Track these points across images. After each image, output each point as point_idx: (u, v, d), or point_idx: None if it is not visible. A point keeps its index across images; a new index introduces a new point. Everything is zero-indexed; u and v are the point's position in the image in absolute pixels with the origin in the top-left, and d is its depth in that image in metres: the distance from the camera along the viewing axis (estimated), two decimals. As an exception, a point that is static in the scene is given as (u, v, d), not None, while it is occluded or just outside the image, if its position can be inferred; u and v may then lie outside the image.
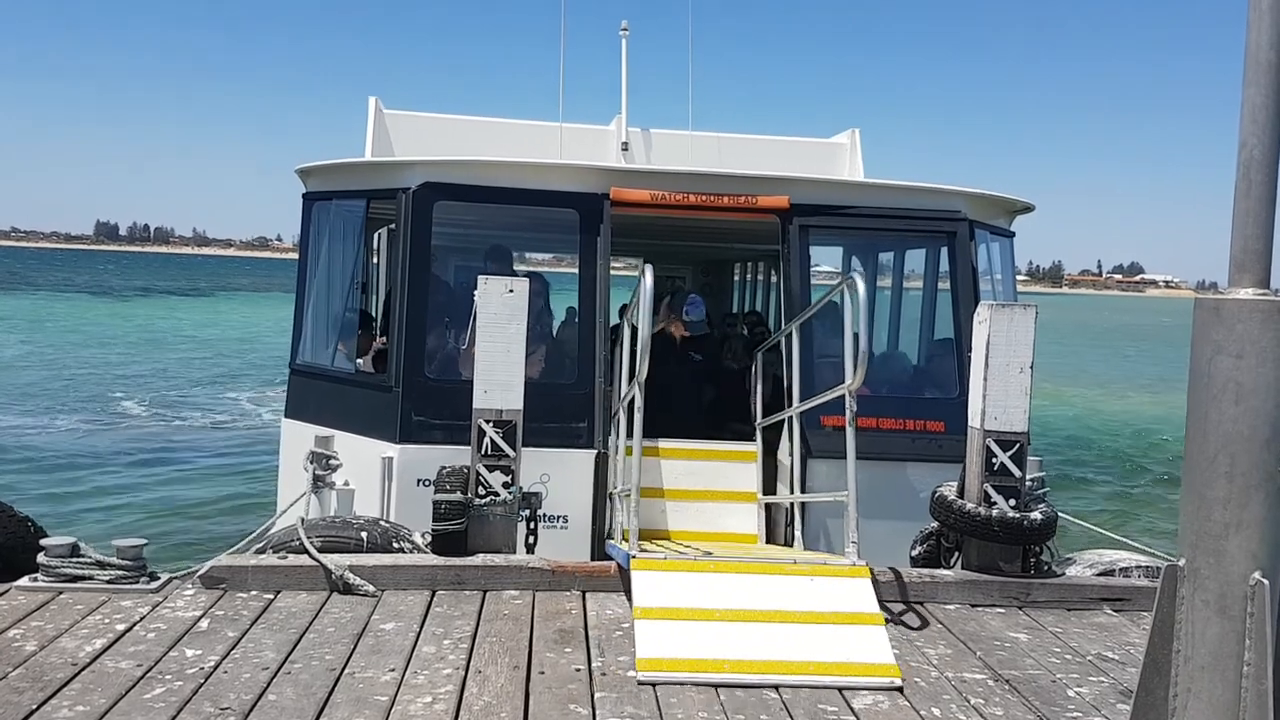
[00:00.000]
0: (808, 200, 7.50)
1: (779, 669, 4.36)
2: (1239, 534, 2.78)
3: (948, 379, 7.67)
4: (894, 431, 7.27)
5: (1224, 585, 2.81)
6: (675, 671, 4.28)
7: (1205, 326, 2.84)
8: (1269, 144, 2.80)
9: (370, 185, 7.88)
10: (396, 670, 4.25)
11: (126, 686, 3.97)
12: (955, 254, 7.71)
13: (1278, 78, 2.79)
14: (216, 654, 4.34)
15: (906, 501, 6.91)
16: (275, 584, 5.24)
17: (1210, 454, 2.82)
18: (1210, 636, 2.83)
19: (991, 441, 5.55)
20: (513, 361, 5.53)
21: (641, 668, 4.30)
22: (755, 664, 4.37)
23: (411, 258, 7.21)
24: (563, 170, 7.60)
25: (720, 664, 4.33)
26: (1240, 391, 2.77)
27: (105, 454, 18.75)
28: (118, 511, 14.60)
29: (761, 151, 10.41)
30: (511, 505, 5.54)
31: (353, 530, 5.84)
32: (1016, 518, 5.49)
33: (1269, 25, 2.79)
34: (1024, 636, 5.06)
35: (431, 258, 7.51)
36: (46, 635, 4.48)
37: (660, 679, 4.23)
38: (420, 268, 7.26)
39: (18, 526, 5.48)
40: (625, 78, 10.33)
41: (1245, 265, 2.82)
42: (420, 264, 7.26)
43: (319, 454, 7.27)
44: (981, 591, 5.53)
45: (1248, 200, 2.82)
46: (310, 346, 8.69)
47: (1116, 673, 4.62)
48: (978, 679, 4.47)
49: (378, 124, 9.91)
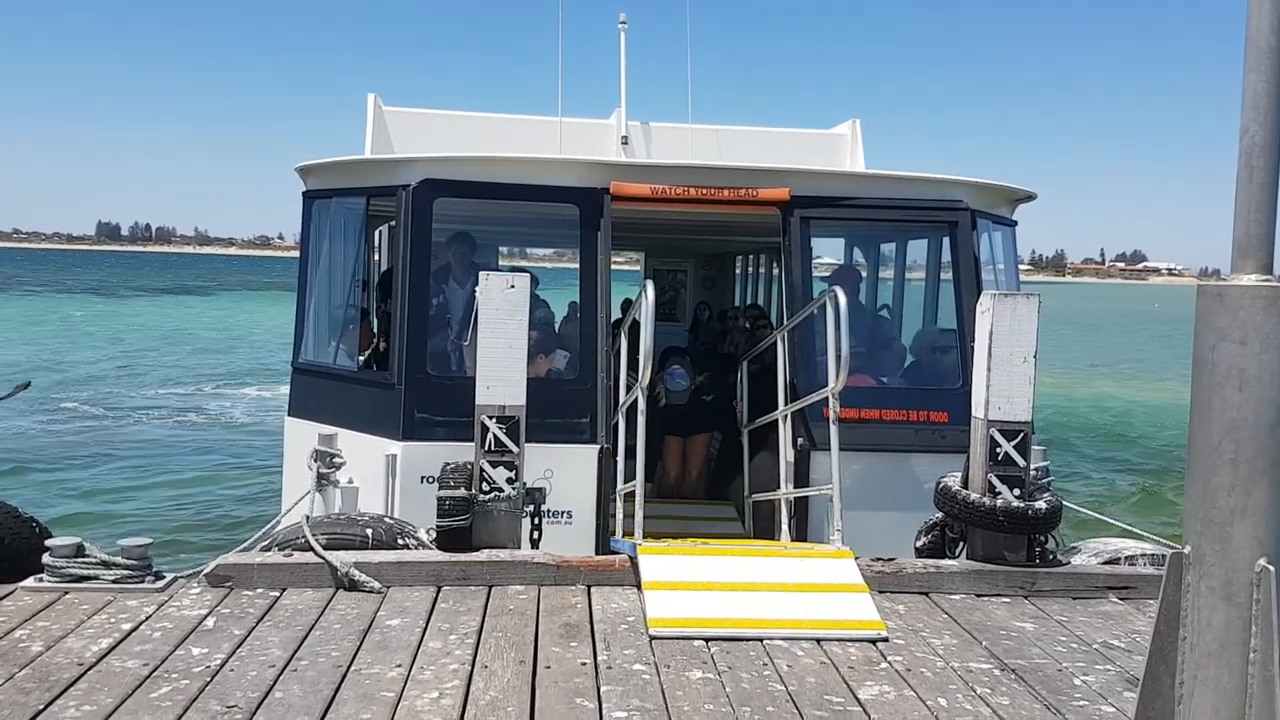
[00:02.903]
0: (808, 192, 7.48)
1: (771, 625, 4.84)
2: (1244, 520, 2.78)
3: (951, 369, 7.67)
4: (897, 422, 7.27)
5: (1229, 572, 2.80)
6: (680, 628, 4.74)
7: (1208, 313, 2.83)
8: (1270, 130, 2.79)
9: (370, 182, 7.87)
10: (403, 666, 4.26)
11: (133, 686, 3.98)
12: (957, 244, 7.70)
13: (1278, 63, 2.78)
14: (223, 652, 4.35)
15: (910, 492, 6.92)
16: (281, 581, 5.25)
17: (1214, 441, 2.81)
18: (1216, 623, 2.83)
19: (995, 431, 5.54)
20: (515, 357, 5.53)
21: (653, 625, 4.76)
22: (749, 621, 4.84)
23: (412, 255, 7.20)
24: (563, 165, 7.59)
25: (719, 621, 4.81)
26: (1244, 378, 2.76)
27: (108, 452, 18.77)
28: (122, 510, 14.62)
29: (761, 144, 10.39)
30: (516, 500, 5.54)
31: (358, 527, 5.84)
32: (1021, 507, 5.49)
33: (1269, 11, 2.78)
34: (1030, 626, 5.06)
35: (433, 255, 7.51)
36: (52, 635, 4.48)
37: (668, 634, 4.70)
38: (421, 265, 7.26)
39: (22, 527, 5.49)
40: (624, 71, 10.31)
41: (1248, 251, 2.82)
42: (421, 261, 7.26)
43: (323, 452, 7.27)
44: (987, 581, 5.53)
45: (1250, 186, 2.81)
46: (312, 345, 8.69)
47: (1123, 661, 4.62)
48: (984, 668, 4.47)
49: (377, 121, 9.90)
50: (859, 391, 7.08)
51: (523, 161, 7.56)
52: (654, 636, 4.69)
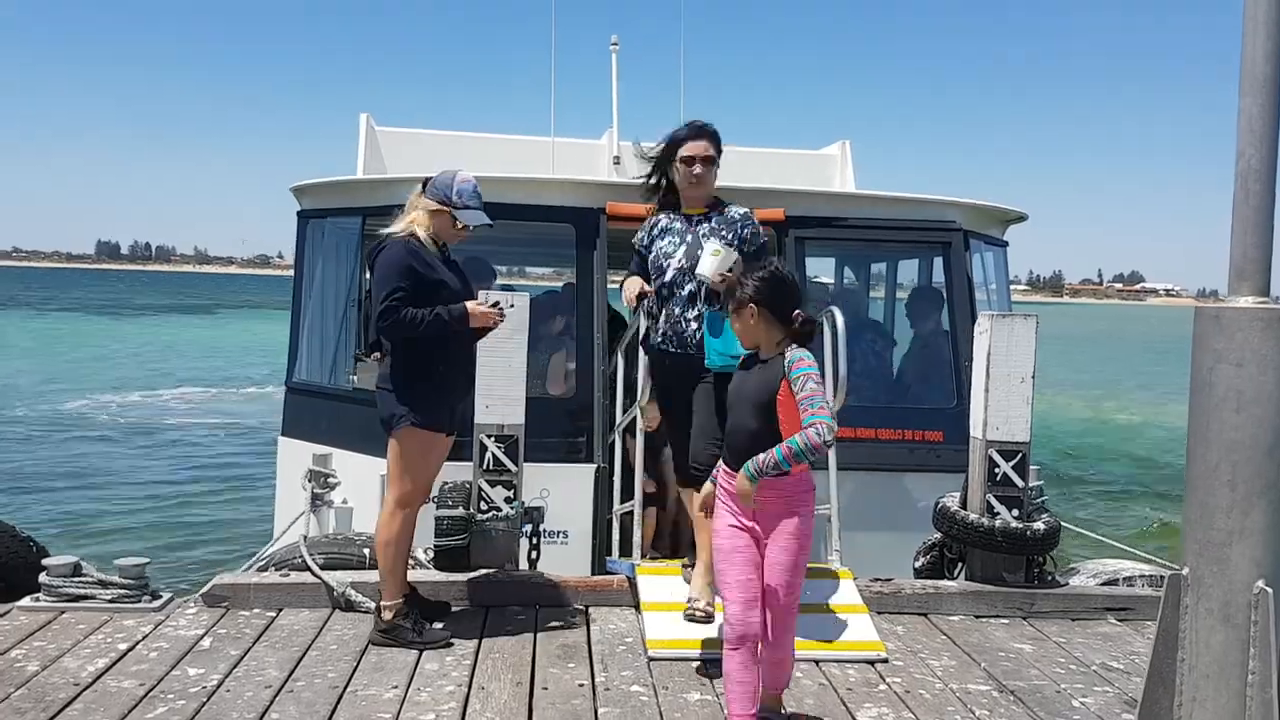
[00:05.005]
0: (803, 213, 7.52)
1: None
2: (1242, 542, 2.79)
3: (945, 389, 7.68)
4: (892, 442, 7.28)
5: (1228, 594, 2.81)
6: (679, 649, 4.71)
7: (1206, 335, 2.85)
8: (1266, 153, 2.82)
9: (365, 203, 7.88)
10: (399, 687, 4.24)
11: (129, 706, 3.96)
12: (951, 264, 7.74)
13: (1273, 88, 2.81)
14: (219, 673, 4.33)
15: (906, 512, 6.92)
16: (277, 602, 5.23)
17: (1212, 462, 2.83)
18: (1215, 645, 2.83)
19: (994, 451, 5.55)
20: (514, 376, 5.53)
21: (651, 646, 4.74)
22: None
23: None
24: (559, 185, 7.61)
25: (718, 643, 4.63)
26: (1241, 400, 2.78)
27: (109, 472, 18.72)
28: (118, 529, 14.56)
29: (753, 164, 10.40)
30: (514, 520, 5.53)
31: (355, 547, 5.83)
32: (1020, 528, 5.49)
33: (1264, 37, 2.81)
34: (1028, 647, 5.06)
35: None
36: (49, 655, 4.46)
37: (666, 655, 4.67)
38: None
39: (19, 546, 5.48)
40: (616, 92, 10.33)
41: (1245, 274, 2.84)
42: None
43: (317, 472, 7.25)
44: (985, 602, 5.52)
45: (1246, 209, 2.84)
46: (306, 364, 8.68)
47: (1121, 682, 4.61)
48: (982, 690, 4.46)
49: (369, 141, 9.90)
50: (855, 410, 7.09)
51: (518, 182, 7.58)
52: (652, 658, 4.67)
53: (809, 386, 3.64)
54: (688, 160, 5.01)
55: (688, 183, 5.05)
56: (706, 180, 5.05)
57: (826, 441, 3.55)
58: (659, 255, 5.04)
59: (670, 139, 5.11)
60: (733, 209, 5.11)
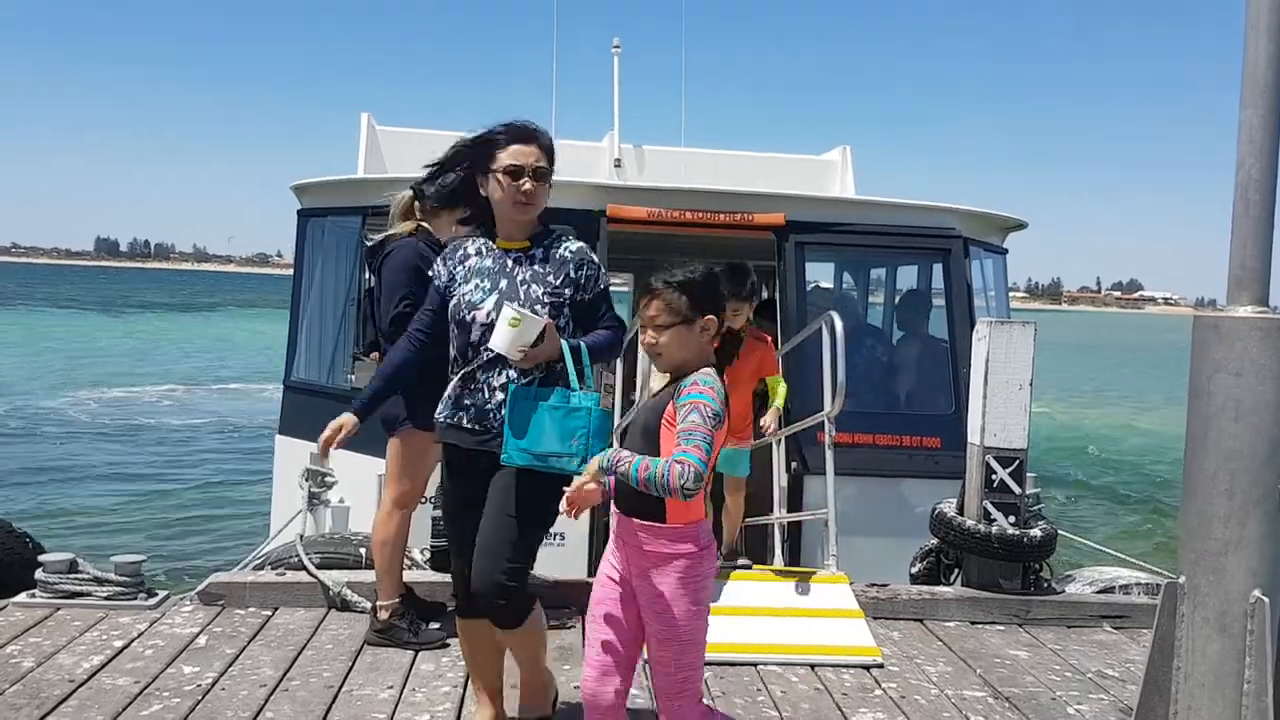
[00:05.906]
0: (803, 218, 7.53)
1: (765, 650, 4.82)
2: (1239, 551, 2.79)
3: (943, 395, 7.69)
4: (890, 448, 7.28)
5: (1224, 603, 2.81)
6: None
7: (1205, 344, 2.85)
8: (1266, 163, 2.83)
9: (365, 202, 7.87)
10: (395, 687, 4.24)
11: (124, 703, 3.96)
12: (950, 271, 7.75)
13: (1274, 98, 2.81)
14: (214, 671, 4.33)
15: (903, 517, 6.93)
16: (273, 601, 5.23)
17: (1210, 471, 2.83)
18: (1210, 654, 2.83)
19: (991, 458, 5.56)
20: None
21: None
22: (743, 646, 4.82)
23: None
24: (559, 187, 7.59)
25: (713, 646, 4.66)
26: (1240, 409, 2.78)
27: (103, 468, 18.71)
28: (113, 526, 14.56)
29: (753, 168, 10.41)
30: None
31: (351, 546, 5.83)
32: (1016, 535, 5.49)
33: (1265, 47, 2.81)
34: (1024, 654, 5.06)
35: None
36: (44, 651, 4.46)
37: None
38: None
39: (15, 542, 5.47)
40: (617, 95, 10.34)
41: (1244, 283, 2.84)
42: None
43: (314, 471, 7.25)
44: (981, 609, 5.52)
45: (1246, 219, 2.84)
46: (304, 363, 8.67)
47: (1117, 690, 4.61)
48: (978, 696, 4.46)
49: (370, 140, 9.90)
50: (852, 416, 7.10)
51: None
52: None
53: (691, 418, 2.90)
54: (513, 171, 3.55)
55: (511, 203, 3.58)
56: (537, 200, 3.62)
57: (686, 489, 2.80)
58: (461, 305, 3.58)
59: (487, 137, 3.63)
60: (566, 244, 3.68)
